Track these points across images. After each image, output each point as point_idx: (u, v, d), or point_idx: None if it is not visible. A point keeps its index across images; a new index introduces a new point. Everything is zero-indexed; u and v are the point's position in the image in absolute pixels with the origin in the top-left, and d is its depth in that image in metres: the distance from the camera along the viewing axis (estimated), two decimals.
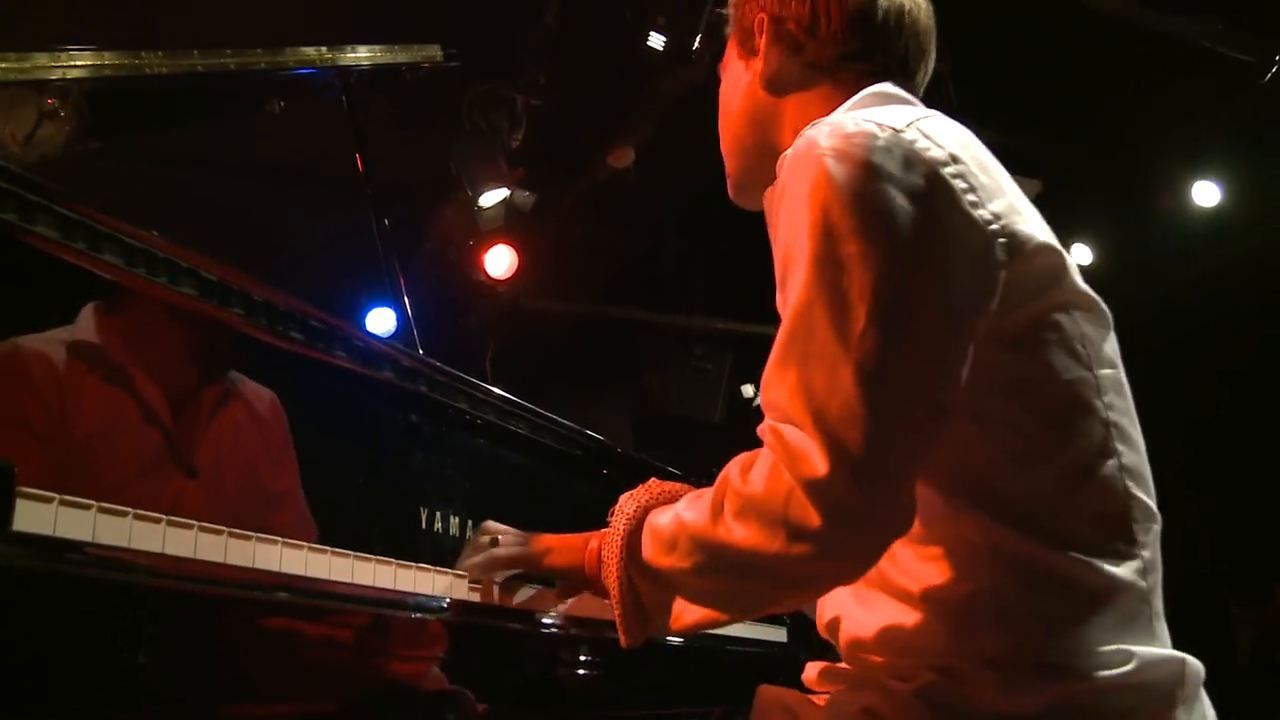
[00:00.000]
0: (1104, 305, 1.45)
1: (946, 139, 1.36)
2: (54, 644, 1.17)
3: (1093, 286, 1.45)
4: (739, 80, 1.68)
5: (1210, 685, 1.39)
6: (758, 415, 1.37)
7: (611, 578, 1.54)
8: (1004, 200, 1.36)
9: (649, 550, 1.49)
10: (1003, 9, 4.58)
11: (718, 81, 1.77)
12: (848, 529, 1.25)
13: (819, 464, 1.23)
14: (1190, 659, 1.35)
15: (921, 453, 1.29)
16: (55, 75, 2.18)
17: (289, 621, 1.47)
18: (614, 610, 1.56)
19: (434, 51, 3.00)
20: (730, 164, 1.73)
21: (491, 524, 1.86)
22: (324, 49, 2.71)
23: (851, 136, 1.32)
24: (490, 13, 4.71)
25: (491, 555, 1.80)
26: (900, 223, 1.27)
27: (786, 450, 1.27)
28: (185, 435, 1.53)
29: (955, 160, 1.34)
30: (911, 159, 1.31)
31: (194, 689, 1.34)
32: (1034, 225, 1.38)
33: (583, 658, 2.02)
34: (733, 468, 1.38)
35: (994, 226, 1.32)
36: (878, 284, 1.25)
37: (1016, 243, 1.33)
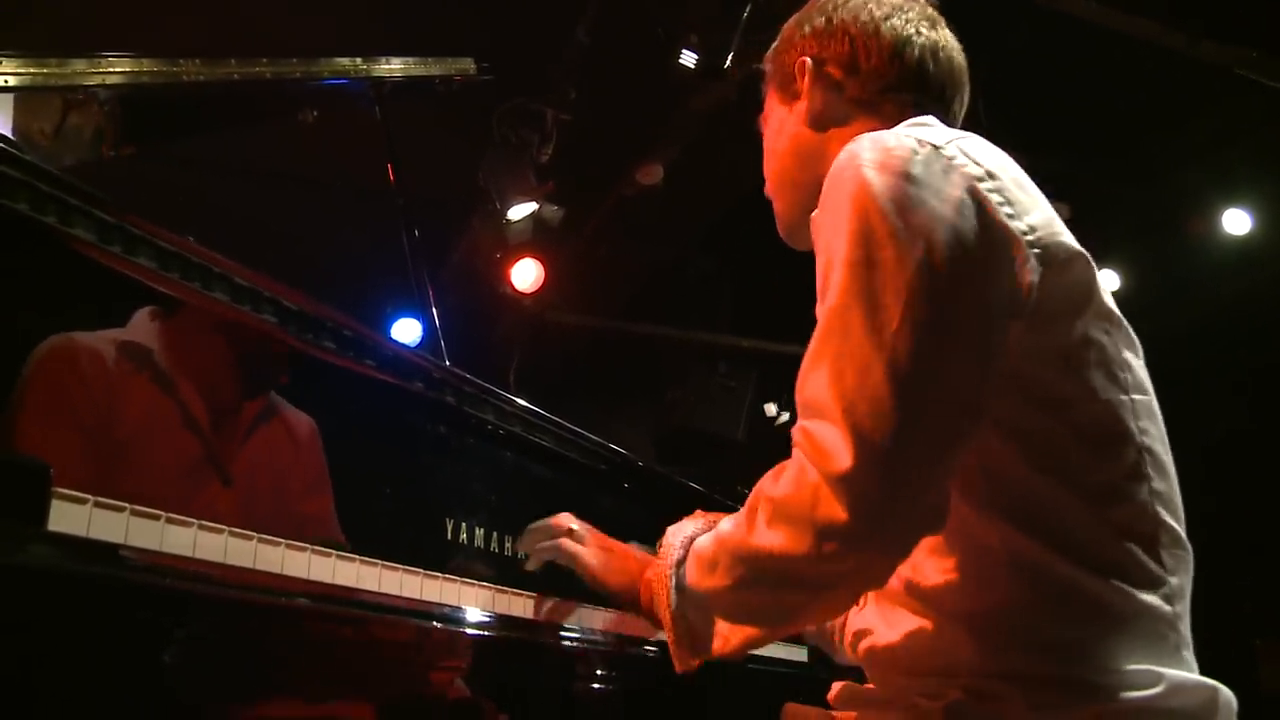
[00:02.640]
0: (1128, 326, 1.46)
1: (984, 157, 1.39)
2: (83, 644, 1.18)
3: (1121, 311, 1.45)
4: (784, 123, 1.73)
5: None
6: (780, 433, 1.38)
7: (663, 607, 1.55)
8: (1040, 214, 1.38)
9: (693, 576, 1.51)
10: (1035, 32, 4.57)
11: (748, 100, 1.80)
12: (873, 522, 1.25)
13: (845, 457, 1.25)
14: (1223, 688, 1.34)
15: (952, 453, 1.30)
16: (94, 81, 2.20)
17: (314, 628, 1.48)
18: (668, 639, 1.57)
19: (467, 64, 3.02)
20: (780, 203, 1.76)
21: (568, 517, 1.90)
22: (358, 60, 2.73)
23: (892, 149, 1.36)
24: (523, 27, 4.73)
25: (559, 544, 1.84)
26: (936, 229, 1.30)
27: (814, 446, 1.29)
28: (222, 447, 1.55)
29: (992, 176, 1.36)
30: (949, 171, 1.34)
31: (216, 694, 1.35)
32: (1068, 238, 1.40)
33: (602, 672, 2.02)
34: (766, 478, 1.39)
35: (1029, 237, 1.34)
36: (913, 286, 1.27)
37: (1051, 252, 1.35)
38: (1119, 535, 1.34)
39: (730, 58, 4.44)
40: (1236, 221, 5.61)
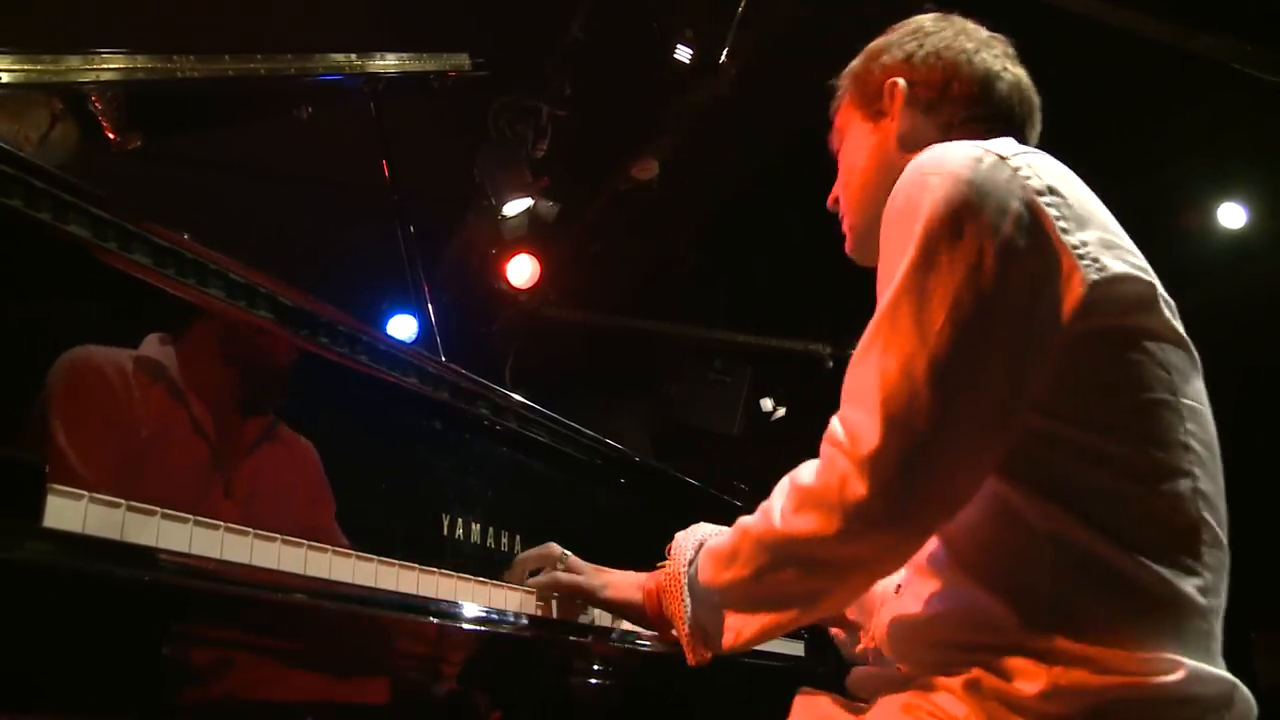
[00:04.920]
0: (1193, 347, 1.49)
1: (1046, 172, 1.44)
2: (78, 639, 1.18)
3: None
4: (867, 140, 1.78)
5: None
6: (776, 429, 1.42)
7: (676, 603, 1.65)
8: (1096, 232, 1.42)
9: (707, 574, 1.59)
10: (1028, 25, 4.56)
11: (744, 94, 1.82)
12: (891, 498, 1.33)
13: (873, 439, 1.32)
14: (1242, 686, 1.36)
15: (978, 452, 1.35)
16: (88, 78, 2.20)
17: (310, 623, 1.48)
18: (680, 635, 1.66)
19: (462, 60, 3.02)
20: (856, 217, 1.80)
21: (557, 547, 1.97)
22: (353, 56, 2.73)
23: (957, 157, 1.42)
24: (518, 23, 4.73)
25: (555, 578, 1.92)
26: (992, 237, 1.35)
27: (847, 429, 1.37)
28: (227, 457, 1.57)
29: (1053, 191, 1.41)
30: (1011, 182, 1.39)
31: (211, 689, 1.35)
32: (1126, 257, 1.43)
33: (599, 668, 2.02)
34: (792, 472, 1.47)
35: (1080, 252, 1.38)
36: (961, 289, 1.34)
37: (1101, 266, 1.38)
38: (1158, 522, 1.37)
39: (725, 53, 4.43)
40: (1232, 215, 5.61)
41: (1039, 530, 1.36)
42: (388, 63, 2.79)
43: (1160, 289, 1.46)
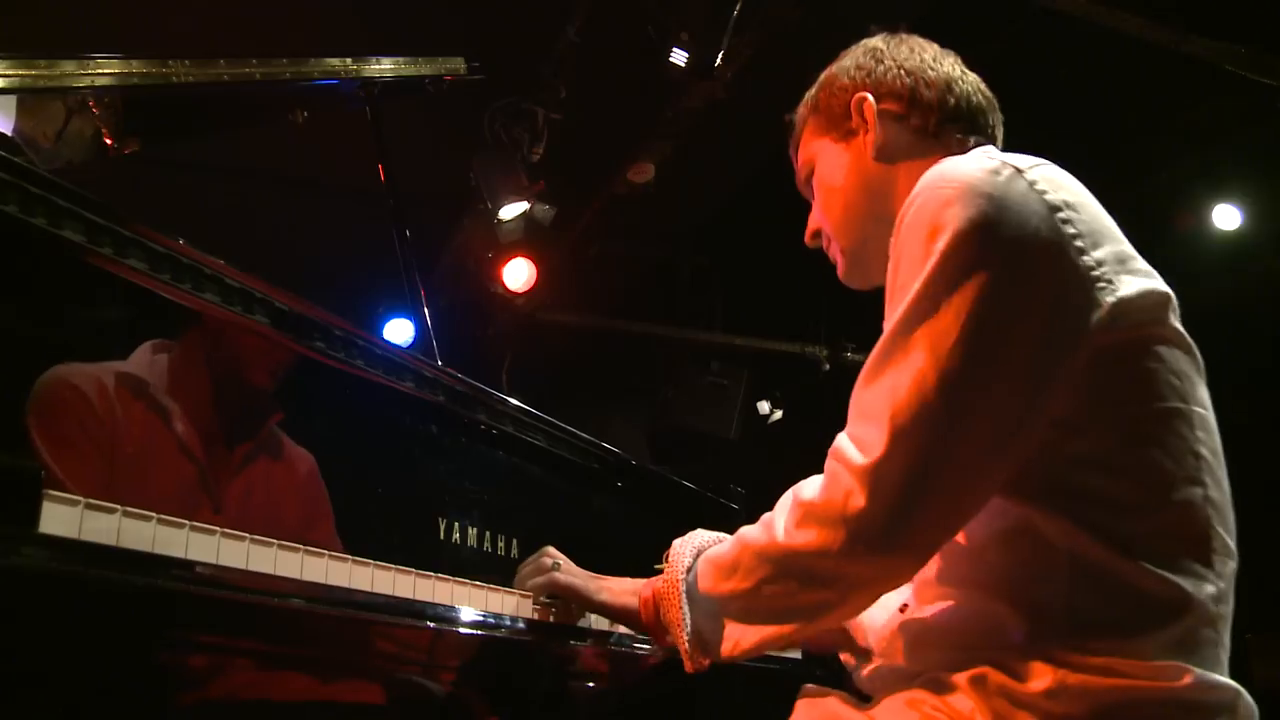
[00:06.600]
0: (1197, 351, 1.49)
1: (1060, 186, 1.43)
2: (75, 644, 1.18)
3: None
4: (841, 160, 1.77)
5: None
6: (773, 432, 1.42)
7: (674, 610, 1.63)
8: (1109, 247, 1.41)
9: (707, 582, 1.59)
10: (1023, 29, 4.57)
11: (740, 98, 1.83)
12: (894, 510, 1.33)
13: (879, 449, 1.33)
14: (1245, 694, 1.37)
15: (977, 472, 1.35)
16: (83, 83, 2.20)
17: (307, 628, 1.48)
18: (678, 642, 1.64)
19: (457, 64, 3.01)
20: (846, 239, 1.79)
21: (554, 550, 1.96)
22: (348, 60, 2.73)
23: (974, 170, 1.41)
24: (513, 26, 4.73)
25: (552, 578, 1.90)
26: (1011, 256, 1.35)
27: (856, 441, 1.36)
28: (217, 471, 1.56)
29: (1068, 206, 1.40)
30: (1028, 199, 1.38)
31: (208, 693, 1.35)
32: (1139, 270, 1.44)
33: (596, 671, 2.02)
34: (794, 488, 1.47)
35: (1097, 273, 1.37)
36: (976, 309, 1.33)
37: (1115, 287, 1.38)
38: (1170, 531, 1.37)
39: (721, 56, 4.43)
40: (1226, 217, 5.62)
41: (1058, 546, 1.36)
42: (383, 66, 2.79)
43: (1172, 295, 1.46)
